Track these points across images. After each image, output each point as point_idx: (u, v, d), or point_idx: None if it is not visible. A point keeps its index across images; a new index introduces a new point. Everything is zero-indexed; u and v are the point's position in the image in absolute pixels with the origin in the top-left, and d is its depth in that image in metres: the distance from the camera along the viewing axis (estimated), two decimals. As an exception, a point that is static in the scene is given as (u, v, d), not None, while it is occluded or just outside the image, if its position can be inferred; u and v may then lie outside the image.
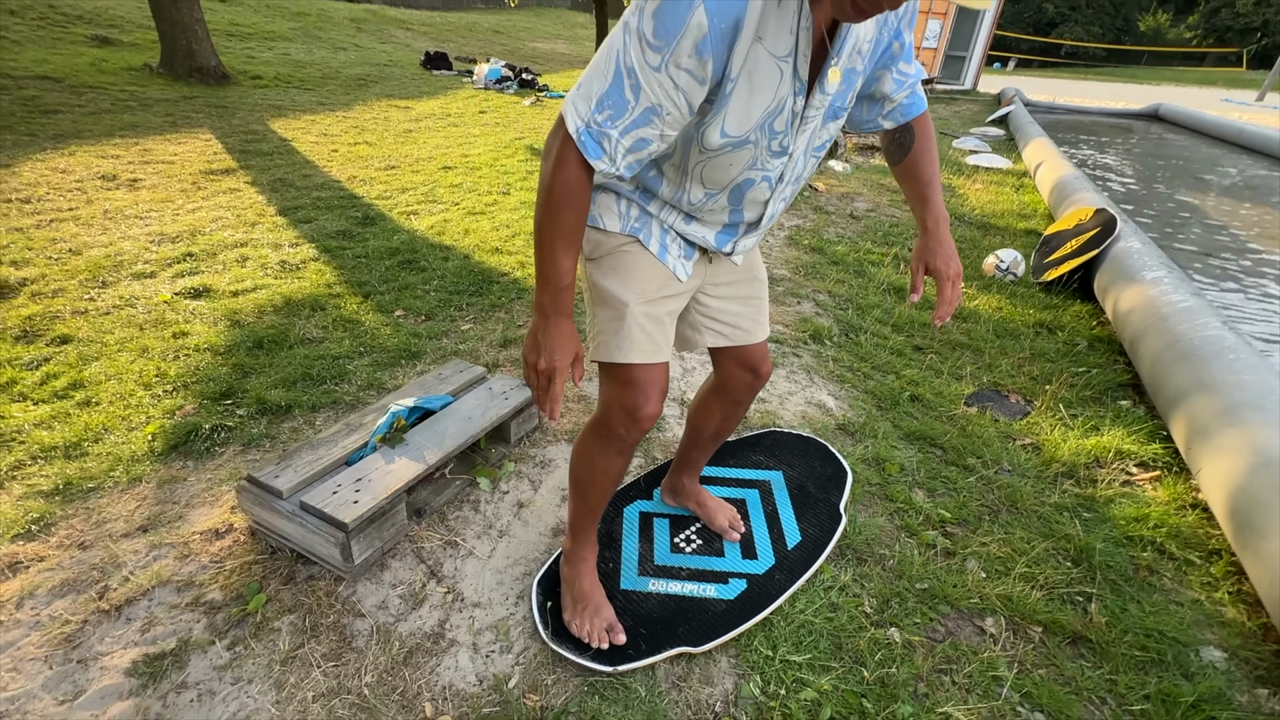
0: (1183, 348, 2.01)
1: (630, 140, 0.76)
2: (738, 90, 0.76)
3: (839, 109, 0.88)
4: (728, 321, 1.16)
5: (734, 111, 0.78)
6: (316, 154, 5.30)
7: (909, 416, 2.04)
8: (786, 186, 0.94)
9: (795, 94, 0.80)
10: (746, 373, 1.22)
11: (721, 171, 0.87)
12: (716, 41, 0.69)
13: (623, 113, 0.74)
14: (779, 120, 0.81)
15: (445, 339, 2.38)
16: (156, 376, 2.06)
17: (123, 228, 3.40)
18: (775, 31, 0.73)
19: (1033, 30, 39.48)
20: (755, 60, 0.74)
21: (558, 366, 0.88)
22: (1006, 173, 5.97)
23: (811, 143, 0.90)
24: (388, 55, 12.28)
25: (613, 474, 1.12)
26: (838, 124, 0.92)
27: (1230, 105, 16.16)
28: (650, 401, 1.01)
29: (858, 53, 0.84)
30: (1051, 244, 3.48)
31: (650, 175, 0.93)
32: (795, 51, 0.75)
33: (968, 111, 11.02)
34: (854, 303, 2.86)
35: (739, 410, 1.30)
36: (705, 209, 0.95)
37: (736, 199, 0.92)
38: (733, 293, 1.15)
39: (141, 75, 7.46)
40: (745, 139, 0.82)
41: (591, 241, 1.00)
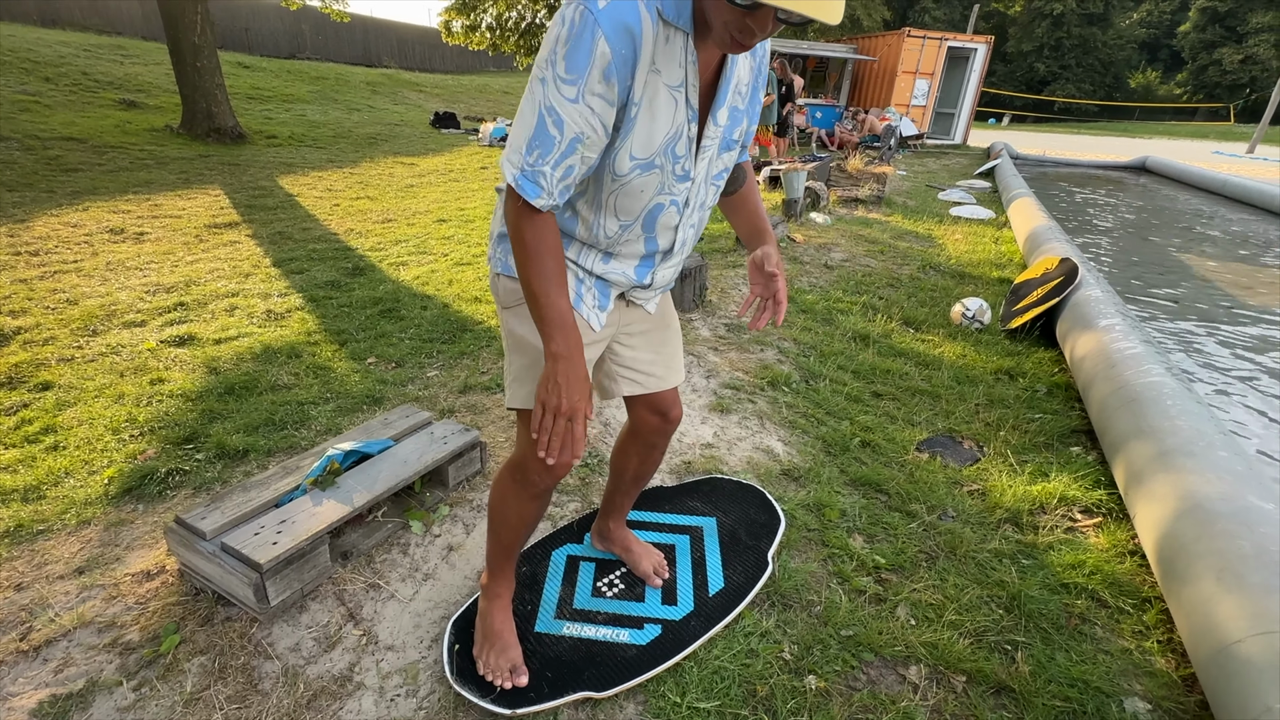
0: (1126, 393, 2.03)
1: (560, 171, 0.85)
2: (640, 116, 0.85)
3: (731, 141, 0.99)
4: (641, 369, 1.20)
5: (639, 136, 0.87)
6: (319, 208, 5.54)
7: (857, 462, 2.05)
8: (694, 213, 1.01)
9: (689, 121, 0.89)
10: (656, 416, 1.27)
11: (633, 199, 0.94)
12: (620, 66, 0.80)
13: (551, 149, 0.83)
14: (679, 144, 0.91)
15: (410, 385, 2.45)
16: (126, 421, 2.13)
17: (122, 278, 3.56)
18: (667, 65, 0.84)
19: (1025, 88, 40.78)
20: (654, 90, 0.85)
21: (578, 407, 0.89)
22: (988, 223, 6.10)
23: (710, 170, 0.98)
24: (399, 115, 12.90)
25: (527, 518, 1.15)
26: (731, 155, 1.01)
27: (1221, 157, 16.47)
28: (563, 466, 1.03)
29: (739, 93, 0.96)
30: (1020, 292, 3.54)
31: (565, 217, 0.99)
32: (686, 83, 0.86)
33: (956, 165, 11.32)
34: (817, 350, 2.91)
35: (654, 454, 1.34)
36: (621, 241, 1.00)
37: (649, 226, 0.99)
38: (646, 341, 1.19)
39: (162, 136, 7.89)
40: (651, 162, 0.90)
41: (506, 289, 1.05)
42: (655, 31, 0.80)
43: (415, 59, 21.42)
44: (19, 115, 7.30)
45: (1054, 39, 40.00)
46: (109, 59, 10.83)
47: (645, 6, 0.79)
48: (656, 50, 0.82)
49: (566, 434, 0.90)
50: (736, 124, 0.98)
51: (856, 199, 6.56)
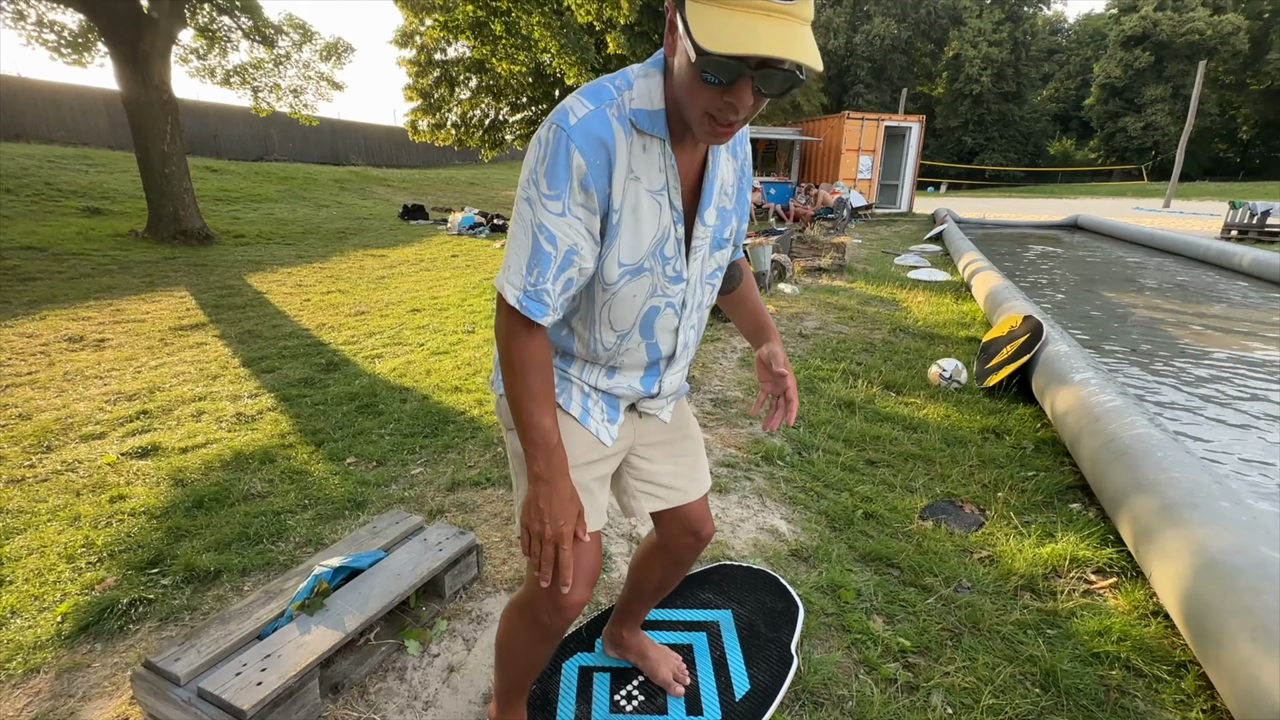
0: (1116, 447, 2.06)
1: (560, 284, 0.86)
2: (624, 222, 0.87)
3: (721, 240, 0.99)
4: (662, 483, 1.14)
5: (625, 242, 0.88)
6: (289, 304, 5.49)
7: (864, 535, 2.01)
8: (692, 314, 1.00)
9: (675, 223, 0.91)
10: (688, 535, 1.20)
11: (626, 305, 0.93)
12: (596, 175, 0.82)
13: (549, 265, 0.84)
14: (668, 246, 0.91)
15: (394, 485, 2.34)
16: (83, 547, 1.97)
17: (80, 388, 3.40)
18: (647, 171, 0.86)
19: (957, 158, 44.22)
20: (636, 196, 0.86)
21: (564, 532, 0.86)
22: (945, 285, 6.39)
23: (704, 270, 0.99)
24: (368, 209, 13.15)
25: (538, 659, 1.08)
26: (724, 254, 1.01)
27: (1142, 212, 17.85)
28: (576, 588, 0.97)
29: (724, 193, 0.98)
30: (990, 350, 3.65)
31: (562, 335, 0.98)
32: (667, 186, 0.88)
33: (906, 231, 11.98)
34: (806, 420, 2.91)
35: (681, 569, 1.27)
36: (621, 352, 0.98)
37: (648, 331, 0.97)
38: (665, 453, 1.13)
39: (126, 241, 7.83)
40: (640, 266, 0.90)
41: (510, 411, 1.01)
42: (629, 140, 0.84)
43: (383, 156, 22.16)
44: (-24, 227, 7.20)
45: (976, 115, 43.92)
46: (74, 169, 10.89)
47: (617, 119, 0.83)
48: (633, 158, 0.85)
49: (557, 561, 0.87)
50: (726, 223, 0.99)
51: (819, 268, 6.83)
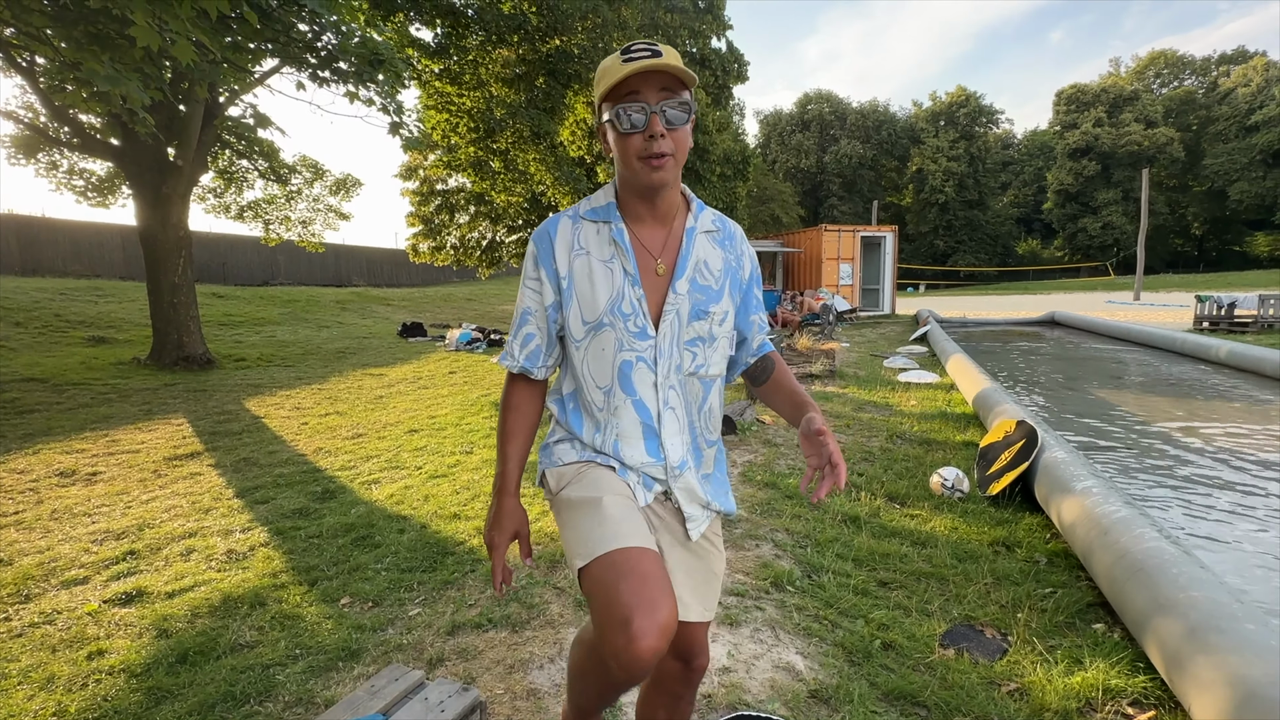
0: (1130, 563, 2.03)
1: (519, 341, 1.14)
2: (577, 286, 1.09)
3: (703, 311, 1.10)
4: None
5: (583, 302, 1.09)
6: (286, 428, 5.49)
7: (884, 670, 1.91)
8: (670, 374, 1.09)
9: (631, 284, 1.08)
10: (678, 662, 1.17)
11: (598, 359, 1.09)
12: (542, 257, 1.11)
13: (516, 328, 1.15)
14: (625, 304, 1.07)
15: (390, 629, 2.24)
16: (54, 715, 1.84)
17: (67, 528, 3.31)
18: (596, 245, 1.10)
19: (931, 261, 46.59)
20: (588, 266, 1.08)
21: (495, 542, 1.09)
22: (936, 386, 6.50)
23: (680, 334, 1.10)
24: (368, 329, 13.51)
25: (607, 697, 1.16)
26: (706, 324, 1.11)
27: (1115, 306, 18.59)
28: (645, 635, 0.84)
29: (705, 272, 1.12)
30: (988, 456, 3.67)
31: (570, 410, 1.16)
32: (617, 255, 1.09)
33: (892, 332, 12.36)
34: (812, 539, 2.85)
35: (681, 704, 1.22)
36: (613, 411, 1.09)
37: (628, 386, 1.08)
38: (678, 564, 1.12)
39: (128, 368, 7.95)
40: (600, 322, 1.07)
41: (555, 477, 1.12)
42: (575, 227, 1.10)
43: (383, 277, 23.11)
44: (-20, 361, 7.31)
45: (944, 221, 46.84)
46: (84, 300, 11.27)
47: (567, 217, 1.12)
48: (578, 237, 1.10)
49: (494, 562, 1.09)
50: (711, 299, 1.11)
51: (812, 374, 6.97)
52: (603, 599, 0.89)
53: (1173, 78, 46.92)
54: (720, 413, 1.21)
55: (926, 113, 49.68)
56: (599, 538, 0.95)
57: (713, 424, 1.19)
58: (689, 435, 1.13)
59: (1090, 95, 43.59)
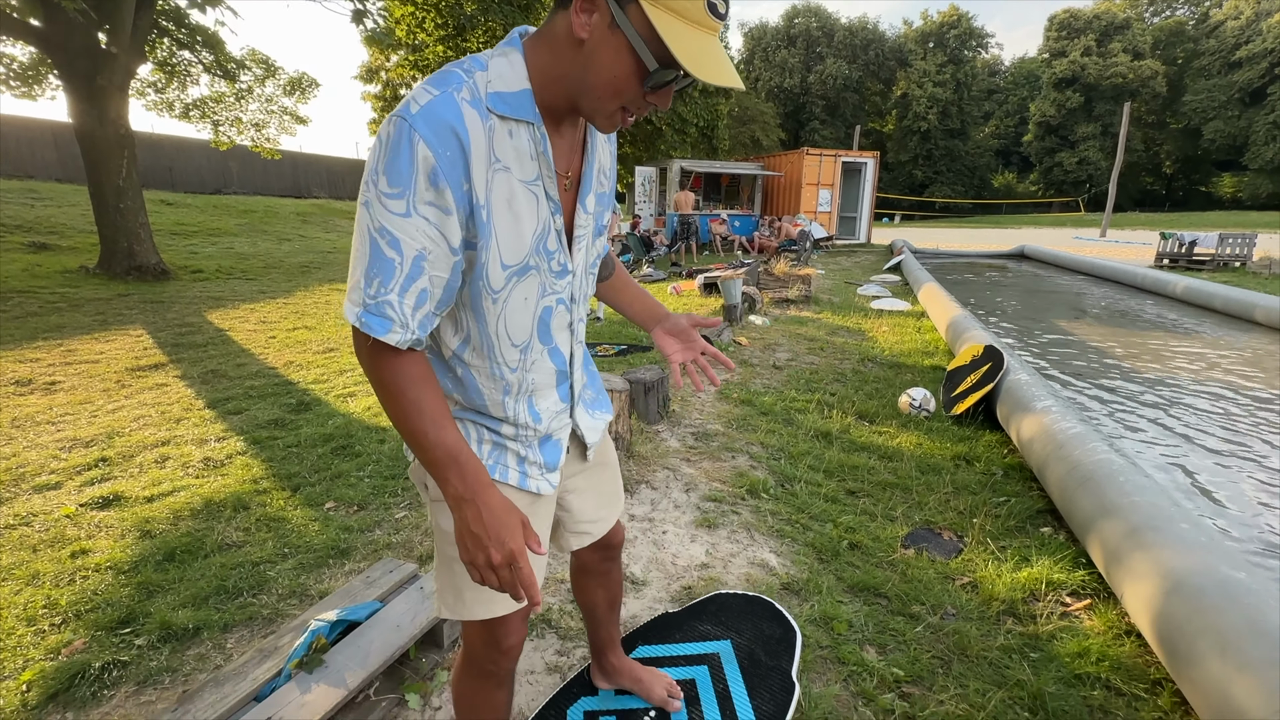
0: (1080, 473, 2.17)
1: (412, 298, 0.74)
2: (497, 217, 0.78)
3: (601, 226, 0.97)
4: (588, 518, 1.14)
5: (505, 240, 0.80)
6: (253, 342, 5.34)
7: (850, 566, 2.05)
8: (580, 305, 0.96)
9: (554, 214, 0.84)
10: (598, 551, 1.23)
11: (520, 312, 0.86)
12: (448, 169, 0.72)
13: (392, 273, 0.72)
14: (549, 240, 0.84)
15: (378, 530, 2.29)
16: (45, 608, 1.86)
17: (31, 435, 3.23)
18: (517, 160, 0.78)
19: (909, 191, 46.32)
20: (509, 188, 0.78)
21: (514, 549, 0.75)
22: (907, 314, 6.64)
23: (588, 260, 0.94)
24: (332, 243, 12.96)
25: (498, 708, 1.06)
26: (601, 240, 0.99)
27: (1081, 241, 18.94)
28: (512, 633, 0.97)
29: (603, 176, 0.94)
30: (954, 379, 3.81)
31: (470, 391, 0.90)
32: (541, 176, 0.81)
33: (866, 261, 12.42)
34: (786, 452, 2.97)
35: (612, 577, 1.30)
36: (529, 368, 0.90)
37: (545, 335, 0.91)
38: (589, 485, 1.12)
39: (76, 277, 7.53)
40: (525, 265, 0.83)
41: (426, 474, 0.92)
42: (487, 126, 0.75)
43: (346, 189, 21.94)
44: (-89, 264, 6.83)
45: (925, 150, 46.21)
46: (18, 203, 10.48)
47: (469, 104, 0.74)
48: (495, 145, 0.76)
49: (516, 582, 0.75)
50: (605, 208, 0.96)
51: (787, 299, 7.02)
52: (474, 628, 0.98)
53: (1166, 6, 45.77)
54: None
55: (916, 33, 47.80)
56: (479, 601, 0.93)
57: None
58: (585, 360, 1.04)
59: (1083, 21, 42.36)
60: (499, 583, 0.76)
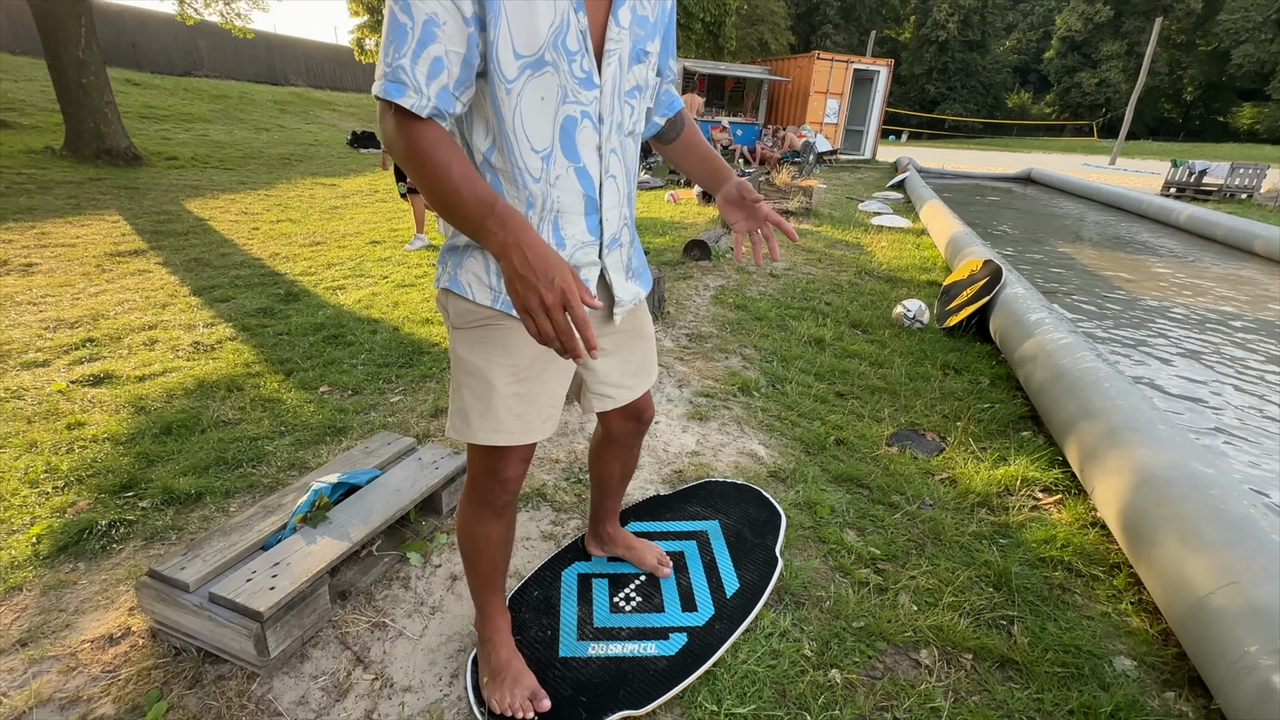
0: (1066, 381, 2.22)
1: (425, 65, 0.74)
2: (509, 2, 0.76)
3: (642, 51, 0.90)
4: (613, 383, 1.13)
5: (517, 25, 0.77)
6: (236, 233, 5.18)
7: (836, 460, 2.12)
8: (612, 134, 0.90)
9: (575, 10, 0.80)
10: (630, 422, 1.25)
11: (537, 111, 0.83)
12: None
13: (404, 38, 0.73)
14: (569, 37, 0.80)
15: (373, 412, 2.32)
16: (45, 472, 1.89)
17: (13, 315, 3.17)
18: None
19: (919, 107, 44.28)
20: None
21: (566, 286, 0.69)
22: (907, 231, 6.53)
23: (621, 84, 0.89)
24: (313, 135, 12.31)
25: (495, 539, 1.10)
26: (644, 71, 0.93)
27: (1089, 168, 18.44)
28: (510, 466, 1.02)
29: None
30: (950, 293, 3.80)
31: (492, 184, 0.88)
32: None
33: (870, 178, 12.06)
34: (778, 355, 3.00)
35: (633, 453, 1.34)
36: (553, 182, 0.88)
37: (570, 148, 0.87)
38: (615, 349, 1.10)
39: (42, 158, 7.15)
40: (541, 59, 0.80)
41: (457, 310, 0.94)
42: None
43: (325, 78, 20.57)
44: None
45: (940, 63, 43.74)
46: (-30, 74, 9.74)
47: None
48: None
49: (571, 329, 0.70)
50: (649, 33, 0.90)
51: (787, 211, 6.85)
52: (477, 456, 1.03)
53: (1215, -91, 42.07)
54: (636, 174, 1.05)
55: (946, -74, 43.88)
56: (483, 429, 0.97)
57: (634, 193, 1.04)
58: (626, 208, 1.00)
59: (1125, -78, 39.00)
60: (554, 330, 0.70)
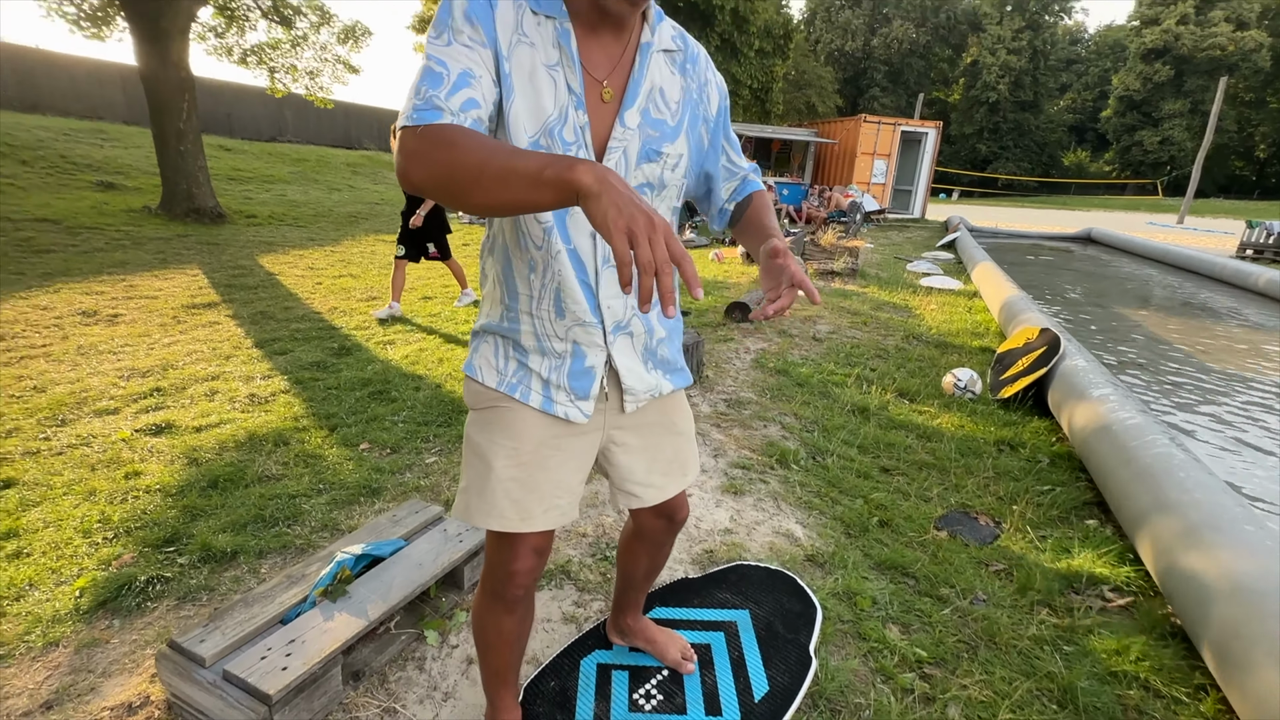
0: (1136, 466, 2.05)
1: (460, 100, 0.75)
2: (518, 82, 0.81)
3: (654, 151, 0.89)
4: (639, 480, 1.08)
5: (524, 103, 0.82)
6: (301, 287, 5.49)
7: (879, 543, 2.00)
8: None
9: (575, 108, 0.83)
10: (661, 519, 1.19)
11: None
12: (480, 12, 0.79)
13: (440, 82, 0.75)
14: (565, 130, 0.83)
15: (408, 473, 2.34)
16: (99, 522, 1.97)
17: (94, 363, 3.41)
18: (541, 44, 0.82)
19: (970, 166, 44.00)
20: (531, 63, 0.81)
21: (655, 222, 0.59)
22: (958, 293, 6.35)
23: (626, 178, 0.88)
24: (380, 194, 13.14)
25: (507, 634, 1.07)
26: (657, 168, 0.91)
27: (1155, 228, 17.74)
28: (519, 558, 0.99)
29: (661, 104, 0.90)
30: (1004, 361, 3.63)
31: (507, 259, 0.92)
32: (562, 63, 0.83)
33: (919, 237, 11.92)
34: (820, 425, 2.90)
35: (663, 550, 1.28)
36: (551, 253, 0.88)
37: (563, 227, 0.87)
38: (641, 445, 1.06)
39: (139, 216, 7.84)
40: (536, 142, 0.83)
41: (470, 392, 0.99)
42: (518, 5, 0.81)
43: (395, 141, 22.05)
44: (-9, 197, 7.21)
45: (992, 123, 43.63)
46: (88, 142, 10.90)
47: None
48: (523, 22, 0.81)
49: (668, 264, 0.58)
50: (667, 135, 0.90)
51: (833, 271, 6.80)
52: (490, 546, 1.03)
53: (1280, -30, 41.38)
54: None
55: (994, -6, 44.63)
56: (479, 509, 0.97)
57: None
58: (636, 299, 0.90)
59: (1182, -15, 38.76)
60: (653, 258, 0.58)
